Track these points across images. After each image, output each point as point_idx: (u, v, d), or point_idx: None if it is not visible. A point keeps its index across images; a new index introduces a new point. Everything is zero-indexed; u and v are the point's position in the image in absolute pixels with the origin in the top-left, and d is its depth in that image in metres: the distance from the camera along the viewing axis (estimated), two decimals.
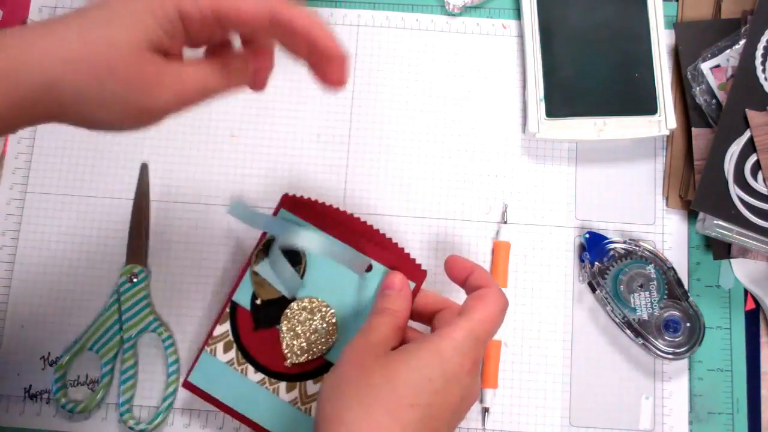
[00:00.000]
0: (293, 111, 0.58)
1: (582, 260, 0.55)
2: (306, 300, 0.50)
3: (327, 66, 0.42)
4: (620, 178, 0.57)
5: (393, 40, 0.59)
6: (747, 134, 0.52)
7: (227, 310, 0.51)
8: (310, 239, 0.48)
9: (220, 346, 0.50)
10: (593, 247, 0.54)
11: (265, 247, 0.51)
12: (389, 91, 0.58)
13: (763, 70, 0.53)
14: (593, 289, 0.54)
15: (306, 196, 0.51)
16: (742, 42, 0.54)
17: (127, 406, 0.52)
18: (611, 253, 0.54)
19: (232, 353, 0.50)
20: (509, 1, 0.60)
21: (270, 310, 0.50)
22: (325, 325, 0.49)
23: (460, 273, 0.45)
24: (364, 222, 0.51)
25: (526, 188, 0.57)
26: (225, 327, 0.51)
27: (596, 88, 0.55)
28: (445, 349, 0.40)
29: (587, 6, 0.57)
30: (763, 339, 0.55)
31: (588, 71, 0.56)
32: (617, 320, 0.53)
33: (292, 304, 0.50)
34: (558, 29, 0.56)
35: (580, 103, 0.55)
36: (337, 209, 0.51)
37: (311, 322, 0.50)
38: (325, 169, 0.57)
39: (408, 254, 0.49)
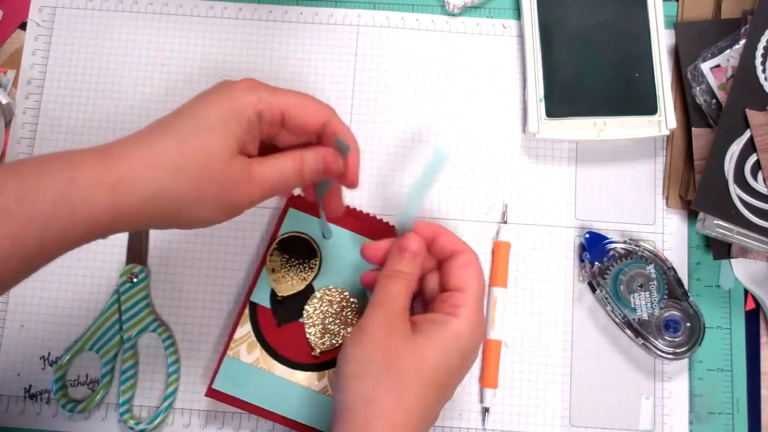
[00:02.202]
0: None
1: (582, 260, 0.55)
2: (324, 289, 0.52)
3: (346, 176, 0.46)
4: (620, 178, 0.57)
5: (393, 40, 0.59)
6: (747, 134, 0.52)
7: (246, 311, 0.52)
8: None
9: (243, 348, 0.51)
10: (593, 247, 0.54)
11: (279, 246, 0.53)
12: (389, 91, 0.58)
13: (763, 70, 0.53)
14: (593, 289, 0.55)
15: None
16: (742, 42, 0.54)
17: (127, 406, 0.52)
18: (611, 253, 0.54)
19: (257, 353, 0.51)
20: (509, 1, 0.60)
21: (291, 305, 0.52)
22: (347, 310, 0.52)
23: (428, 233, 0.47)
24: (367, 214, 0.55)
25: (526, 188, 0.57)
26: (246, 328, 0.52)
27: (596, 88, 0.55)
28: (463, 330, 0.43)
29: (587, 6, 0.57)
30: (763, 339, 0.55)
31: (588, 71, 0.56)
32: (617, 320, 0.53)
33: (312, 296, 0.52)
34: (558, 29, 0.56)
35: (580, 103, 0.55)
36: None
37: (332, 308, 0.52)
38: None
39: (387, 222, 0.54)
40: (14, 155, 0.57)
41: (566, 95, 0.55)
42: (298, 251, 0.53)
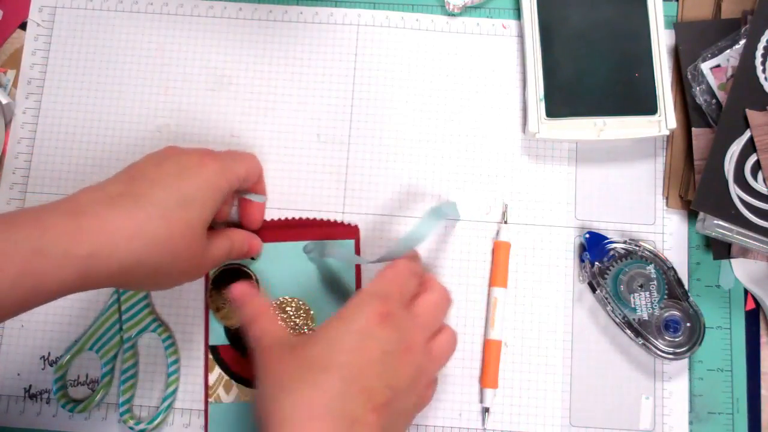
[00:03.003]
0: (293, 111, 0.58)
1: (582, 260, 0.55)
2: (274, 304, 0.53)
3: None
4: (620, 178, 0.57)
5: (393, 39, 0.59)
6: (747, 134, 0.52)
7: (210, 357, 0.53)
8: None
9: (221, 391, 0.52)
10: (593, 247, 0.54)
11: (213, 285, 0.54)
12: (389, 90, 0.58)
13: (763, 70, 0.53)
14: (593, 289, 0.55)
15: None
16: (742, 42, 0.54)
17: (127, 406, 0.52)
18: (611, 253, 0.54)
19: (234, 390, 0.52)
20: (509, 1, 0.60)
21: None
22: (302, 315, 0.53)
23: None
24: (274, 219, 0.55)
25: (526, 188, 0.57)
26: (216, 372, 0.53)
27: (596, 88, 0.55)
28: (345, 312, 0.43)
29: (587, 6, 0.57)
30: (763, 339, 0.55)
31: (588, 71, 0.56)
32: (617, 320, 0.53)
33: None
34: (558, 29, 0.56)
35: (580, 103, 0.55)
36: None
37: (289, 320, 0.53)
38: (325, 169, 0.57)
39: (334, 221, 0.55)
40: (14, 155, 0.57)
41: (566, 95, 0.55)
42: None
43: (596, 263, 0.54)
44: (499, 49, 0.59)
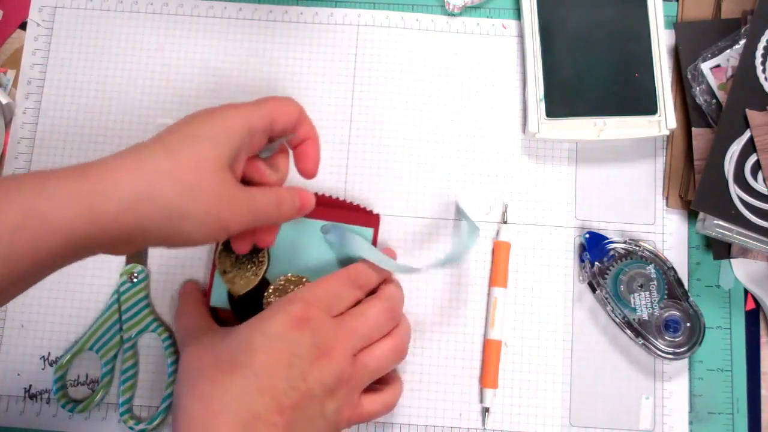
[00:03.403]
0: None
1: (582, 260, 0.55)
2: (278, 279, 0.51)
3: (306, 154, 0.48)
4: (620, 178, 0.57)
5: (393, 40, 0.59)
6: (747, 134, 0.52)
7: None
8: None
9: None
10: (593, 247, 0.54)
11: (224, 246, 0.52)
12: (389, 90, 0.58)
13: (763, 70, 0.53)
14: (593, 289, 0.55)
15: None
16: (742, 42, 0.54)
17: (127, 406, 0.52)
18: (611, 253, 0.54)
19: None
20: (509, 1, 0.60)
21: (250, 302, 0.51)
22: None
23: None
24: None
25: (526, 188, 0.57)
26: None
27: (596, 88, 0.55)
28: (264, 313, 0.43)
29: (587, 6, 0.57)
30: (763, 339, 0.55)
31: (588, 71, 0.56)
32: (617, 320, 0.53)
33: (268, 289, 0.51)
34: (558, 29, 0.56)
35: (580, 103, 0.55)
36: None
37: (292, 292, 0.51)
38: (325, 169, 0.57)
39: (357, 205, 0.54)
40: (14, 155, 0.57)
41: (566, 95, 0.55)
42: None
43: (596, 263, 0.54)
44: (499, 49, 0.59)
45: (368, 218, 0.54)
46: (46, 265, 0.36)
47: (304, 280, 0.51)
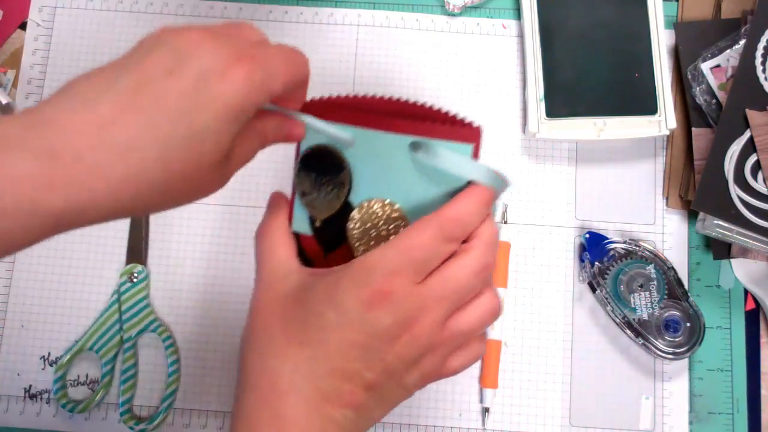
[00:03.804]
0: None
1: (582, 260, 0.55)
2: (366, 203, 0.43)
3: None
4: (620, 178, 0.57)
5: (393, 40, 0.59)
6: (747, 134, 0.52)
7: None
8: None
9: None
10: (593, 247, 0.54)
11: (302, 164, 0.44)
12: (389, 90, 0.58)
13: (763, 70, 0.53)
14: (593, 289, 0.55)
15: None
16: (742, 42, 0.54)
17: (127, 406, 0.52)
18: (611, 253, 0.54)
19: None
20: (509, 1, 0.60)
21: (332, 229, 0.44)
22: (395, 223, 0.43)
23: None
24: (390, 99, 0.44)
25: (526, 188, 0.57)
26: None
27: (596, 88, 0.55)
28: (340, 281, 0.36)
29: (587, 6, 0.57)
30: (763, 339, 0.55)
31: (588, 71, 0.56)
32: (617, 320, 0.53)
33: (353, 214, 0.43)
34: (558, 29, 0.56)
35: (580, 103, 0.55)
36: (352, 97, 0.44)
37: (380, 225, 0.44)
38: None
39: (454, 116, 0.42)
40: None
41: (566, 95, 0.55)
42: (325, 166, 0.44)
43: (596, 263, 0.54)
44: (499, 49, 0.59)
45: (467, 131, 0.43)
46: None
47: (395, 206, 0.43)
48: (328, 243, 0.44)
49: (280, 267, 0.40)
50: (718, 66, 0.55)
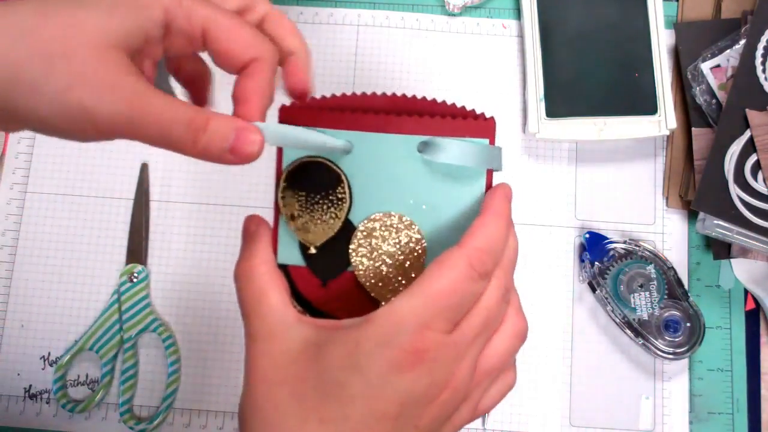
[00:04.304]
0: None
1: (582, 260, 0.55)
2: (368, 219, 0.38)
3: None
4: (620, 178, 0.57)
5: (393, 39, 0.59)
6: (747, 134, 0.52)
7: None
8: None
9: None
10: (593, 247, 0.54)
11: (288, 182, 0.39)
12: (389, 91, 0.58)
13: (763, 70, 0.53)
14: (593, 289, 0.55)
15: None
16: (742, 42, 0.54)
17: (127, 406, 0.52)
18: (611, 253, 0.54)
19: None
20: (509, 1, 0.60)
21: (332, 254, 0.38)
22: (407, 238, 0.38)
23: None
24: (385, 94, 0.40)
25: (526, 188, 0.57)
26: None
27: (596, 88, 0.55)
28: (362, 341, 0.30)
29: (587, 6, 0.57)
30: (763, 339, 0.55)
31: (588, 71, 0.56)
32: (617, 320, 0.53)
33: (356, 233, 0.38)
34: (558, 29, 0.56)
35: (580, 103, 0.55)
36: (346, 95, 0.39)
37: (389, 242, 0.38)
38: None
39: (463, 107, 0.39)
40: (14, 155, 0.57)
41: (566, 95, 0.55)
42: (317, 181, 0.38)
43: (596, 263, 0.54)
44: (499, 49, 0.59)
45: (480, 125, 0.39)
46: None
47: (403, 220, 0.37)
48: (326, 272, 0.38)
49: (275, 320, 0.33)
50: (718, 66, 0.55)
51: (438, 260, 0.32)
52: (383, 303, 0.36)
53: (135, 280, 0.54)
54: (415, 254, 0.37)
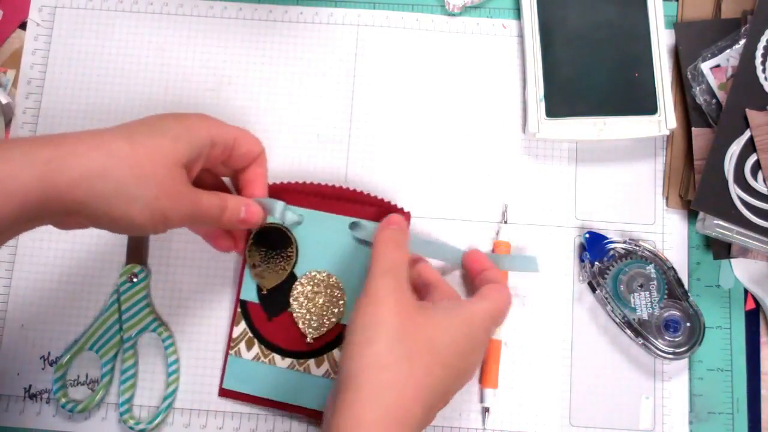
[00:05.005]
0: (293, 111, 0.58)
1: (582, 260, 0.55)
2: (306, 275, 0.52)
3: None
4: (620, 178, 0.57)
5: (393, 40, 0.59)
6: (747, 134, 0.52)
7: (239, 310, 0.53)
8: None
9: (242, 346, 0.52)
10: (593, 247, 0.54)
11: (254, 240, 0.53)
12: (389, 91, 0.58)
13: (763, 70, 0.53)
14: (593, 289, 0.55)
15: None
16: (742, 42, 0.54)
17: (127, 406, 0.52)
18: (611, 253, 0.54)
19: (256, 348, 0.52)
20: (509, 1, 0.60)
21: (278, 296, 0.53)
22: (332, 292, 0.52)
23: (479, 265, 0.51)
24: (333, 186, 0.55)
25: (526, 188, 0.57)
26: (241, 327, 0.53)
27: (596, 88, 0.56)
28: (475, 318, 0.44)
29: (587, 6, 0.57)
30: (763, 339, 0.55)
31: (588, 71, 0.56)
32: (617, 320, 0.53)
33: (295, 284, 0.52)
34: (558, 29, 0.56)
35: (580, 103, 0.55)
36: (304, 183, 0.55)
37: (318, 294, 0.52)
38: (325, 169, 0.57)
39: (388, 202, 0.54)
40: None
41: (566, 95, 0.55)
42: (274, 242, 0.53)
43: (596, 263, 0.54)
44: (499, 49, 0.59)
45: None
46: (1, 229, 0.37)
47: (330, 275, 0.52)
48: (271, 310, 0.53)
49: (406, 277, 0.45)
50: (718, 66, 0.55)
51: (496, 286, 0.48)
52: (309, 339, 0.52)
53: (135, 280, 0.54)
54: (339, 302, 0.52)
